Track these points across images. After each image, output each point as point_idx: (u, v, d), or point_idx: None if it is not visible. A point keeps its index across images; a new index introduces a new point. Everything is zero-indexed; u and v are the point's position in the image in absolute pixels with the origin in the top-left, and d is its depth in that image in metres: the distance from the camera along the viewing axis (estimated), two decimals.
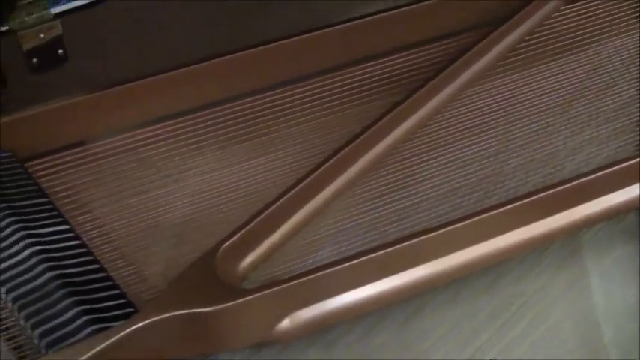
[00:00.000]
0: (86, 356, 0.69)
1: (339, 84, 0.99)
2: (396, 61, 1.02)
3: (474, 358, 0.75)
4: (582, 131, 0.96)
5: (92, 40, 1.04)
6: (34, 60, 0.98)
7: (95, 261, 0.80)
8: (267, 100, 0.97)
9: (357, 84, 0.99)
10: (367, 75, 1.00)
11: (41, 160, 0.91)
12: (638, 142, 0.95)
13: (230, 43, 1.00)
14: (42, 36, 0.98)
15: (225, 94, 0.97)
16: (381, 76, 1.00)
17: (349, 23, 1.02)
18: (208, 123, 0.95)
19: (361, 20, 1.03)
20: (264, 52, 0.99)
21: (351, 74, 1.00)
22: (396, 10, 1.04)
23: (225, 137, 0.94)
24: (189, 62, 0.97)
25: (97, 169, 0.90)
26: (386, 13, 1.03)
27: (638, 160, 0.87)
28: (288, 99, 0.98)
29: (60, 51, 1.00)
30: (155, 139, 0.93)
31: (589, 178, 0.84)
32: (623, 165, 0.86)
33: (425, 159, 0.92)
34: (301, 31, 1.01)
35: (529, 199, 0.82)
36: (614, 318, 0.78)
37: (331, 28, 1.02)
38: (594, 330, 0.77)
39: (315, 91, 0.98)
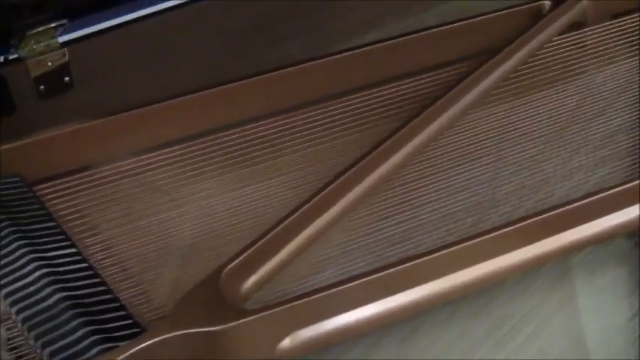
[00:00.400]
0: None
1: (338, 112, 1.02)
2: (394, 90, 1.05)
3: None
4: (572, 159, 0.99)
5: (98, 67, 1.07)
6: (42, 87, 1.01)
7: (102, 283, 0.81)
8: (269, 126, 1.00)
9: (356, 112, 1.02)
10: (366, 103, 1.03)
11: (49, 184, 0.93)
12: (626, 169, 0.98)
13: (232, 71, 1.03)
14: (49, 64, 1.01)
15: (230, 121, 1.00)
16: (380, 105, 1.03)
17: (347, 53, 1.06)
18: (213, 149, 0.97)
19: (358, 50, 1.06)
20: (266, 80, 1.03)
21: (350, 102, 1.03)
22: (392, 41, 1.08)
23: (229, 162, 0.97)
24: (194, 90, 1.00)
25: (103, 192, 0.93)
26: (382, 44, 1.07)
27: (628, 185, 0.90)
28: (289, 126, 1.01)
29: (66, 78, 1.02)
30: (161, 163, 0.96)
31: (579, 203, 0.87)
32: (612, 191, 0.89)
33: (421, 185, 0.94)
34: (300, 60, 1.04)
35: (521, 224, 0.85)
36: (602, 339, 0.80)
37: (329, 58, 1.05)
38: (582, 351, 0.80)
39: (316, 118, 1.01)
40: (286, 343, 0.77)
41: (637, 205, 0.90)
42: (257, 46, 1.12)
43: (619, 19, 1.16)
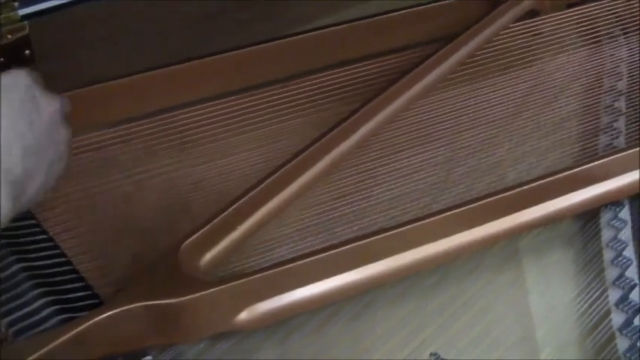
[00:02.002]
0: (53, 345, 0.72)
1: (295, 93, 1.04)
2: (350, 72, 1.07)
3: (418, 351, 0.79)
4: (524, 143, 1.02)
5: (63, 42, 1.06)
6: (1, 59, 1.01)
7: (62, 254, 0.82)
8: (227, 105, 1.01)
9: (312, 94, 1.04)
10: (324, 84, 1.05)
11: None
12: (576, 154, 1.02)
13: (197, 49, 1.04)
14: (9, 36, 1.00)
15: (189, 98, 1.01)
16: (336, 86, 1.05)
17: (301, 36, 1.07)
18: (170, 126, 0.98)
19: (312, 33, 1.07)
20: (224, 60, 1.04)
21: (306, 85, 1.05)
22: (350, 24, 1.09)
23: (188, 140, 0.98)
24: (150, 67, 1.01)
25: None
26: (339, 27, 1.08)
27: (575, 170, 0.93)
28: (247, 105, 1.02)
29: (27, 51, 1.02)
30: (120, 139, 0.97)
31: (530, 185, 0.90)
32: (562, 174, 0.92)
33: (376, 165, 0.97)
34: (256, 41, 1.05)
35: (473, 205, 0.87)
36: (547, 316, 0.83)
37: (287, 39, 1.07)
38: (529, 327, 0.83)
39: (273, 99, 1.03)
40: (243, 315, 0.79)
41: (585, 189, 0.92)
42: (219, 30, 1.12)
43: (574, 9, 1.19)
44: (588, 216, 0.94)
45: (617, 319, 0.83)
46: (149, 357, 0.76)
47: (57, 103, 0.76)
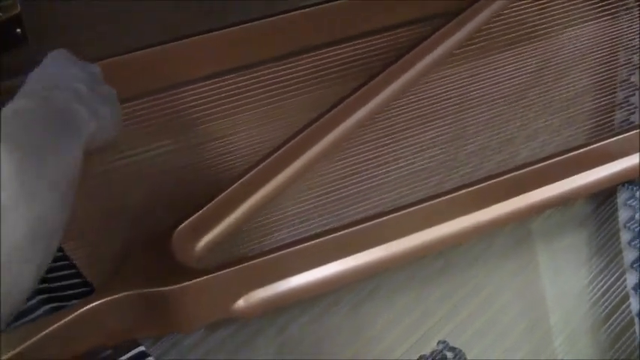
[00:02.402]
0: (40, 335, 0.69)
1: (298, 70, 1.00)
2: (354, 48, 1.02)
3: (424, 340, 0.76)
4: (537, 119, 0.98)
5: (56, 20, 1.03)
6: None
7: None
8: (224, 84, 0.98)
9: (315, 70, 1.00)
10: (325, 61, 1.01)
11: None
12: (590, 131, 0.98)
13: (188, 27, 1.00)
14: (0, 14, 0.97)
15: (182, 79, 0.97)
16: (340, 63, 1.01)
17: (306, 9, 1.03)
18: (166, 106, 0.95)
19: (318, 7, 1.03)
20: (224, 36, 0.99)
21: (309, 60, 1.01)
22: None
23: (185, 120, 0.94)
24: (144, 46, 0.97)
25: None
26: (341, 1, 1.04)
27: (590, 147, 0.89)
28: (247, 82, 0.98)
29: (18, 30, 0.99)
30: None
31: (542, 164, 0.86)
32: (576, 152, 0.88)
33: (383, 143, 0.93)
34: (260, 15, 1.01)
35: (482, 185, 0.83)
36: (561, 302, 0.80)
37: (290, 14, 1.02)
38: (542, 313, 0.79)
39: (275, 75, 0.99)
40: (240, 303, 0.76)
41: (600, 167, 0.89)
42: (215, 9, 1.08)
43: None
44: (604, 196, 0.90)
45: (636, 303, 0.79)
46: (142, 347, 0.73)
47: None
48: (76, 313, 0.71)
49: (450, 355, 0.75)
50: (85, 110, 0.69)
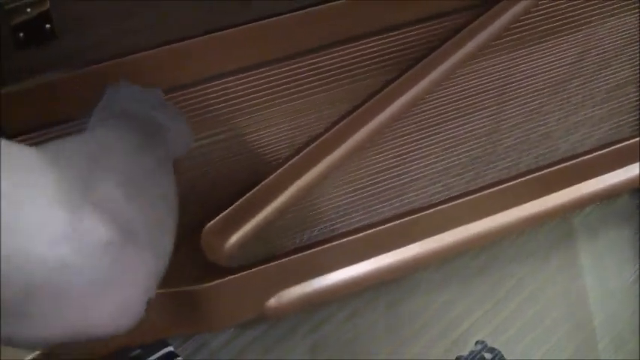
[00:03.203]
0: None
1: (330, 62, 0.97)
2: (388, 40, 1.00)
3: (462, 340, 0.73)
4: (576, 112, 0.95)
5: (84, 15, 1.02)
6: (21, 35, 0.96)
7: None
8: (257, 77, 0.96)
9: (348, 63, 0.97)
10: (359, 54, 0.98)
11: (27, 136, 0.89)
12: (633, 124, 0.94)
13: (217, 21, 0.98)
14: (28, 10, 0.96)
15: (218, 71, 0.95)
16: (374, 55, 0.98)
17: (340, 1, 1.00)
18: (201, 99, 0.93)
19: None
20: (253, 29, 0.97)
21: (343, 53, 0.98)
22: None
23: (214, 114, 0.92)
24: (178, 39, 0.95)
25: None
26: None
27: (633, 141, 0.86)
28: (279, 77, 0.96)
29: (47, 25, 0.98)
30: None
31: (582, 158, 0.83)
32: (618, 146, 0.85)
33: (417, 138, 0.91)
34: (294, 7, 0.99)
35: (521, 179, 0.81)
36: (605, 302, 0.77)
37: (321, 6, 1.00)
38: (585, 313, 0.76)
39: (307, 69, 0.96)
40: (272, 302, 0.74)
41: None
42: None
43: None
44: None
45: None
46: (170, 347, 0.71)
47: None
48: None
49: (488, 356, 0.73)
50: (162, 117, 0.68)
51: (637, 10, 1.08)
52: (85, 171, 0.51)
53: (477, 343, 0.74)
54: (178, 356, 0.71)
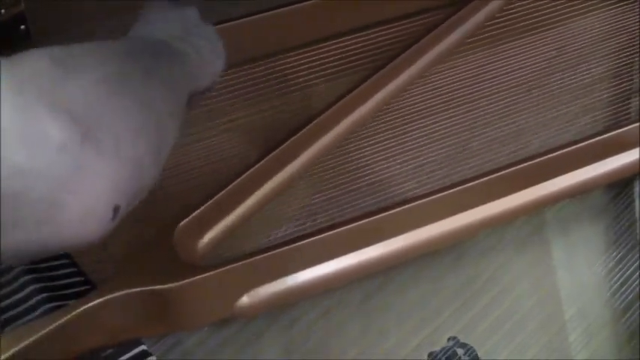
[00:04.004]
0: (40, 334, 0.68)
1: (305, 61, 0.98)
2: (362, 39, 1.00)
3: (435, 336, 0.74)
4: (550, 108, 0.95)
5: (60, 15, 1.01)
6: None
7: None
8: (231, 77, 0.95)
9: (321, 62, 0.97)
10: (332, 53, 0.98)
11: None
12: (607, 119, 0.95)
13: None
14: (3, 12, 0.96)
15: None
16: (347, 54, 0.98)
17: (312, 1, 1.00)
18: None
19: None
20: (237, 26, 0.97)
21: (315, 52, 0.98)
22: None
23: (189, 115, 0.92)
24: None
25: None
26: None
27: (606, 136, 0.86)
28: (252, 77, 0.96)
29: (22, 27, 0.97)
30: None
31: (554, 154, 0.83)
32: (591, 141, 0.85)
33: (390, 136, 0.91)
34: (262, 8, 0.99)
35: (494, 176, 0.81)
36: (576, 296, 0.77)
37: (298, 5, 1.00)
38: (556, 307, 0.77)
39: (281, 68, 0.96)
40: (245, 300, 0.74)
41: (617, 156, 0.86)
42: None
43: None
44: (621, 186, 0.87)
45: None
46: (144, 346, 0.71)
47: None
48: (75, 312, 0.69)
49: (460, 351, 0.73)
50: (184, 44, 0.66)
51: (611, 7, 1.08)
52: (48, 73, 0.50)
53: (449, 339, 0.74)
54: (151, 355, 0.71)
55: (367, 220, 0.77)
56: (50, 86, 0.49)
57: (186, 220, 0.77)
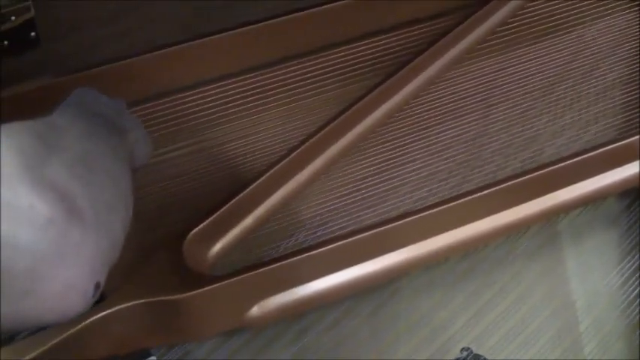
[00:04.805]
0: (49, 345, 0.67)
1: (315, 68, 0.97)
2: (374, 44, 0.99)
3: (447, 347, 0.73)
4: (563, 115, 0.94)
5: (68, 21, 1.01)
6: (5, 43, 0.96)
7: None
8: (244, 83, 0.95)
9: (332, 68, 0.97)
10: (344, 59, 0.98)
11: None
12: (620, 126, 0.94)
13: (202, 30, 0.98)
14: (13, 18, 0.96)
15: (197, 79, 0.94)
16: (359, 60, 0.98)
17: (328, 5, 1.00)
18: (184, 107, 0.92)
19: (339, 2, 1.00)
20: (236, 36, 0.97)
21: (328, 57, 0.98)
22: None
23: (200, 121, 0.91)
24: (164, 45, 0.95)
25: None
26: None
27: (620, 143, 0.85)
28: (265, 82, 0.95)
29: (32, 33, 0.97)
30: None
31: (568, 162, 0.82)
32: (604, 149, 0.84)
33: (402, 143, 0.90)
34: (282, 12, 0.98)
35: (507, 184, 0.80)
36: (591, 306, 0.76)
37: (310, 10, 0.99)
38: (570, 318, 0.76)
39: (291, 75, 0.96)
40: (254, 311, 0.73)
41: (631, 164, 0.85)
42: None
43: None
44: (635, 193, 0.86)
45: None
46: (153, 357, 0.71)
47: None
48: (85, 323, 0.69)
49: None
50: (125, 122, 0.68)
51: (627, 11, 1.07)
52: (32, 149, 0.51)
53: (462, 350, 0.73)
54: None
55: (378, 229, 0.76)
56: (35, 162, 0.50)
57: (196, 229, 0.76)
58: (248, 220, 0.80)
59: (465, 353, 0.73)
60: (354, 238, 0.76)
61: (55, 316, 0.51)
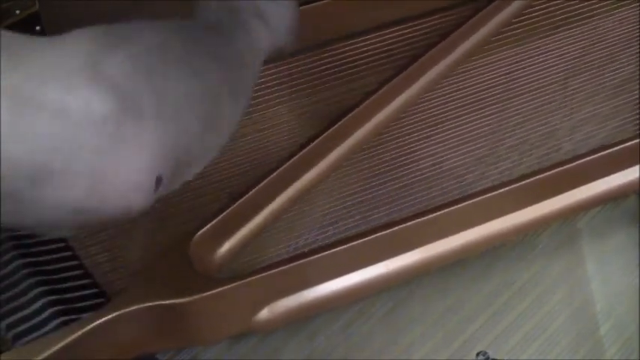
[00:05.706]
0: (53, 349, 0.66)
1: (329, 61, 0.95)
2: (389, 36, 0.97)
3: (463, 350, 0.71)
4: (581, 109, 0.92)
5: (74, 16, 0.99)
6: None
7: (66, 248, 0.76)
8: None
9: (344, 62, 0.94)
10: (355, 52, 0.95)
11: None
12: (638, 121, 0.91)
13: None
14: (17, 12, 0.94)
15: None
16: (373, 52, 0.95)
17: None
18: None
19: None
20: None
21: (342, 49, 0.95)
22: None
23: None
24: None
25: None
26: None
27: (638, 140, 0.83)
28: (273, 77, 0.93)
29: (37, 27, 0.96)
30: None
31: (586, 159, 0.80)
32: (623, 146, 0.82)
33: (415, 139, 0.88)
34: None
35: (524, 182, 0.78)
36: (611, 308, 0.74)
37: (322, 2, 0.97)
38: (591, 320, 0.73)
39: (303, 68, 0.93)
40: (264, 314, 0.71)
41: None
42: None
43: None
44: None
45: None
46: None
47: None
48: (89, 327, 0.68)
49: None
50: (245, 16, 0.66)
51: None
52: (89, 47, 0.51)
53: (478, 354, 0.71)
54: None
55: (391, 229, 0.74)
56: (91, 60, 0.50)
57: (203, 230, 0.74)
58: (256, 221, 0.78)
59: (481, 357, 0.71)
60: (366, 238, 0.73)
61: (119, 209, 0.50)
